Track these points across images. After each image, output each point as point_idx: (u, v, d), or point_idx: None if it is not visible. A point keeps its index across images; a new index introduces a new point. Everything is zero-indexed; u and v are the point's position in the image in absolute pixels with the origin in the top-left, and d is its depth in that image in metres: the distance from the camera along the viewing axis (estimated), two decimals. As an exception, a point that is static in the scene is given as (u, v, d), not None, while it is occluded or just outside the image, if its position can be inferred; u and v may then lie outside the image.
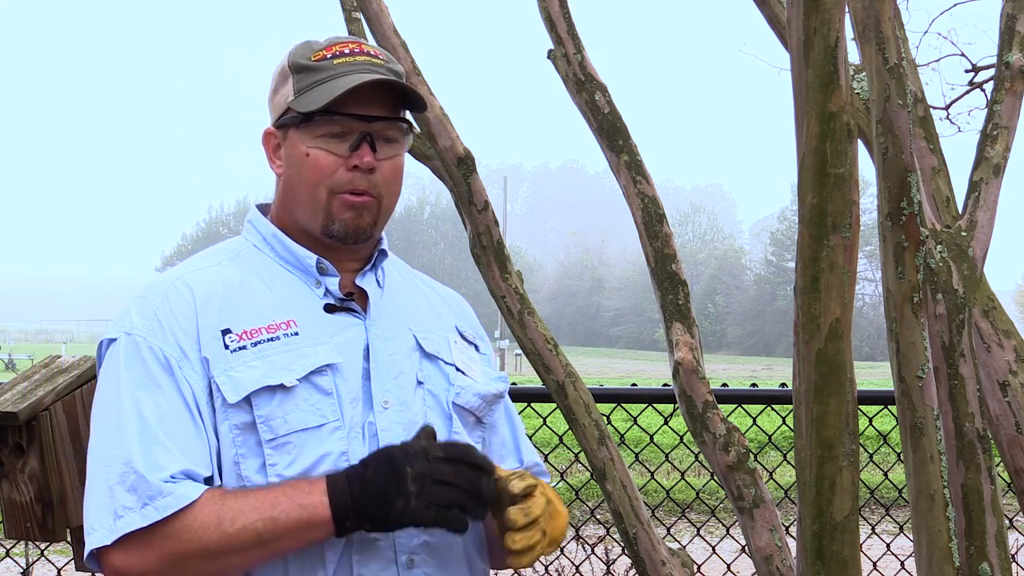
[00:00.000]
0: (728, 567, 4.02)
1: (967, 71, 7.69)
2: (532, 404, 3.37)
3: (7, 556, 3.53)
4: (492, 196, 2.62)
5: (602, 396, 3.13)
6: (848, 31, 1.66)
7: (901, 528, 3.65)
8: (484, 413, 1.76)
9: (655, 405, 3.53)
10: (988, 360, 2.02)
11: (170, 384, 1.56)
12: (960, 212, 2.01)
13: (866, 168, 1.97)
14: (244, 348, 1.59)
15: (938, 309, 1.82)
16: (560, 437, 3.72)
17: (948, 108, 7.92)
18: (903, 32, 1.93)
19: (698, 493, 4.35)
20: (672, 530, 7.60)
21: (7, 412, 2.05)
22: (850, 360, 1.60)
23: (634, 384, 3.92)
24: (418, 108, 1.72)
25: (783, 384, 3.96)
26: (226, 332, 1.60)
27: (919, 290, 1.72)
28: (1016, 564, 3.05)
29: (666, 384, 3.23)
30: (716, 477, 2.32)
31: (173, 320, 1.60)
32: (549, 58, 2.52)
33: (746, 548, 2.27)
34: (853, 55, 1.88)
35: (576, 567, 4.47)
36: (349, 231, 1.66)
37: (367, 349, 1.65)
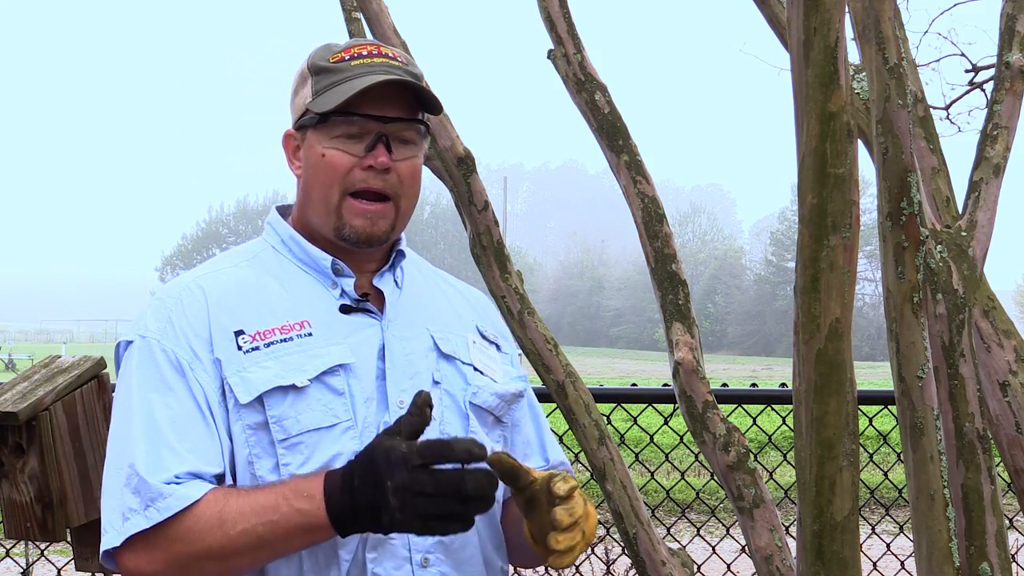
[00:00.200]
0: (728, 567, 4.02)
1: (967, 71, 7.70)
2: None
3: (7, 556, 3.53)
4: (492, 196, 2.62)
5: (602, 396, 3.13)
6: (848, 31, 1.66)
7: (901, 528, 3.65)
8: (503, 412, 1.76)
9: (655, 405, 3.53)
10: (988, 360, 2.02)
11: (181, 386, 1.58)
12: (960, 212, 2.01)
13: (866, 168, 1.97)
14: (257, 349, 1.61)
15: (938, 309, 1.83)
16: (560, 437, 3.72)
17: (948, 108, 7.93)
18: (903, 32, 1.93)
19: (698, 493, 4.35)
20: (672, 530, 7.60)
21: (7, 412, 2.06)
22: (850, 360, 1.60)
23: (634, 384, 3.92)
24: (434, 110, 1.72)
25: (783, 384, 3.96)
26: (239, 333, 1.61)
27: (919, 290, 1.72)
28: (1016, 564, 3.05)
29: (666, 384, 3.23)
30: (716, 477, 2.32)
31: (185, 322, 1.62)
32: (549, 58, 2.52)
33: (746, 548, 2.27)
34: (853, 55, 1.88)
35: (576, 567, 4.47)
36: (361, 237, 1.67)
37: (382, 349, 1.66)
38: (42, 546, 3.35)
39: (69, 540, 2.22)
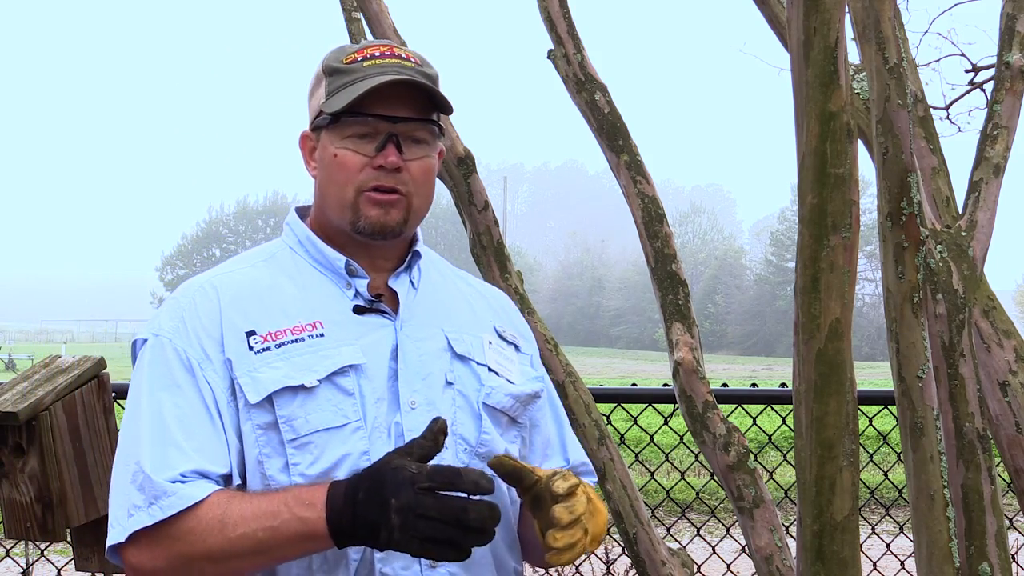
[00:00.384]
0: (728, 567, 4.02)
1: (967, 71, 7.70)
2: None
3: (7, 556, 3.54)
4: (492, 196, 2.62)
5: (602, 396, 3.13)
6: (848, 31, 1.66)
7: (901, 528, 3.65)
8: (518, 413, 1.76)
9: (655, 405, 3.53)
10: (988, 360, 2.02)
11: (191, 385, 1.59)
12: (960, 212, 2.01)
13: (866, 168, 1.97)
14: (268, 349, 1.62)
15: (938, 309, 1.83)
16: (560, 437, 3.72)
17: (948, 108, 7.93)
18: (903, 32, 1.93)
19: (698, 493, 4.35)
20: (672, 530, 7.60)
21: (7, 412, 2.06)
22: (850, 360, 1.60)
23: (634, 384, 3.92)
24: (445, 110, 1.73)
25: (783, 384, 3.96)
26: (251, 334, 1.63)
27: (919, 290, 1.72)
28: (1016, 564, 3.05)
29: (666, 384, 3.23)
30: (716, 477, 2.32)
31: (198, 322, 1.63)
32: (549, 58, 2.52)
33: (746, 548, 2.28)
34: (853, 55, 1.88)
35: (576, 567, 4.47)
36: (376, 228, 1.68)
37: (395, 350, 1.66)
38: (42, 546, 3.35)
39: (69, 540, 2.22)
